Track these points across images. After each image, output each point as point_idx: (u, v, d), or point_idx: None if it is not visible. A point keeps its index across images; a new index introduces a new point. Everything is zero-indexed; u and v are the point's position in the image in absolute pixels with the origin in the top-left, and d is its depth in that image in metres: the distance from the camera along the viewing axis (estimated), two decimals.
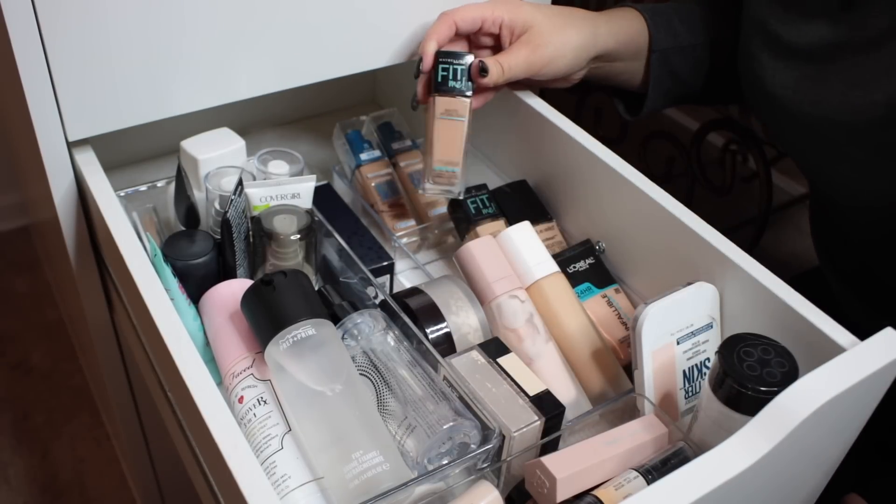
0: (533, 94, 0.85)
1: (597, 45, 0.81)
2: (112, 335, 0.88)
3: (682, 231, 0.69)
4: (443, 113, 0.77)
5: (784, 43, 0.75)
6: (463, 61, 0.77)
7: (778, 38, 0.75)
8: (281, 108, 1.07)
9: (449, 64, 0.77)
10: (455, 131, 0.77)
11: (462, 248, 0.73)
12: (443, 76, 0.77)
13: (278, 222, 0.70)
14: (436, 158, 0.77)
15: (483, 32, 0.80)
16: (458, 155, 0.77)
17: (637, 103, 0.91)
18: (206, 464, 0.60)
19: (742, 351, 0.56)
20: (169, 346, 0.57)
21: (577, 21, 0.80)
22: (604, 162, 0.75)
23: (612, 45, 0.82)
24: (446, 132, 0.77)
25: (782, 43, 0.75)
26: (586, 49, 0.80)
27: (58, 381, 1.53)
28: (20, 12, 0.63)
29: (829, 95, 0.71)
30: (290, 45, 0.76)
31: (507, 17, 0.78)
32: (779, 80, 0.75)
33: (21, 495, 1.35)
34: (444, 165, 0.77)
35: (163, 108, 0.74)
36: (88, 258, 0.80)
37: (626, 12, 0.85)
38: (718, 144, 1.38)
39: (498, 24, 0.79)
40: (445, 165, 0.77)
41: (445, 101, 0.77)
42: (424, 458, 0.58)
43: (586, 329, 0.71)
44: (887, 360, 0.56)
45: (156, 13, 0.68)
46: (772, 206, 1.33)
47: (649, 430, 0.60)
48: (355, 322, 0.65)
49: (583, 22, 0.80)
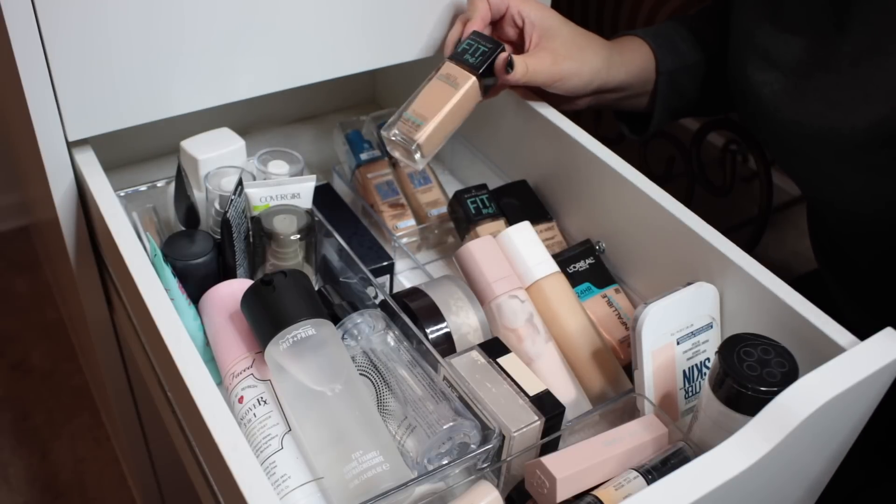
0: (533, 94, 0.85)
1: (609, 75, 0.81)
2: (112, 335, 0.88)
3: (682, 231, 0.69)
4: (442, 75, 0.76)
5: (771, 57, 0.75)
6: (490, 46, 0.76)
7: (765, 52, 0.76)
8: (281, 108, 1.07)
9: (477, 43, 0.76)
10: (443, 94, 0.75)
11: (462, 248, 0.73)
12: (463, 48, 0.76)
13: (278, 222, 0.70)
14: (411, 107, 0.75)
15: (507, 22, 0.80)
16: (432, 113, 0.74)
17: (640, 120, 0.91)
18: (206, 464, 0.60)
19: (742, 351, 0.56)
20: (169, 346, 0.57)
21: (596, 47, 0.81)
22: (604, 162, 0.75)
23: (622, 76, 0.82)
24: (435, 91, 0.75)
25: (769, 57, 0.75)
26: (599, 75, 0.80)
27: (58, 381, 1.53)
28: (20, 12, 0.63)
29: (810, 115, 0.71)
30: (290, 45, 0.76)
31: (535, 16, 0.78)
32: (764, 94, 0.75)
33: (21, 495, 1.35)
34: (414, 116, 0.74)
35: (163, 108, 0.74)
36: (88, 258, 0.80)
37: (631, 43, 0.85)
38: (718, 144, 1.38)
39: (522, 16, 0.79)
40: (415, 116, 0.74)
41: (450, 67, 0.76)
42: (424, 458, 0.58)
43: (586, 329, 0.71)
44: (887, 360, 0.56)
45: (156, 13, 0.68)
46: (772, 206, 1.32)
47: (649, 430, 0.60)
48: (355, 322, 0.65)
49: (601, 49, 0.81)
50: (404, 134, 0.73)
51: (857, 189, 0.72)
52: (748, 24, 0.77)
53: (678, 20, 0.90)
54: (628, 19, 1.67)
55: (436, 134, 0.74)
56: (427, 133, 0.73)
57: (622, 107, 0.89)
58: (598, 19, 1.71)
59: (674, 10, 1.58)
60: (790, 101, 0.73)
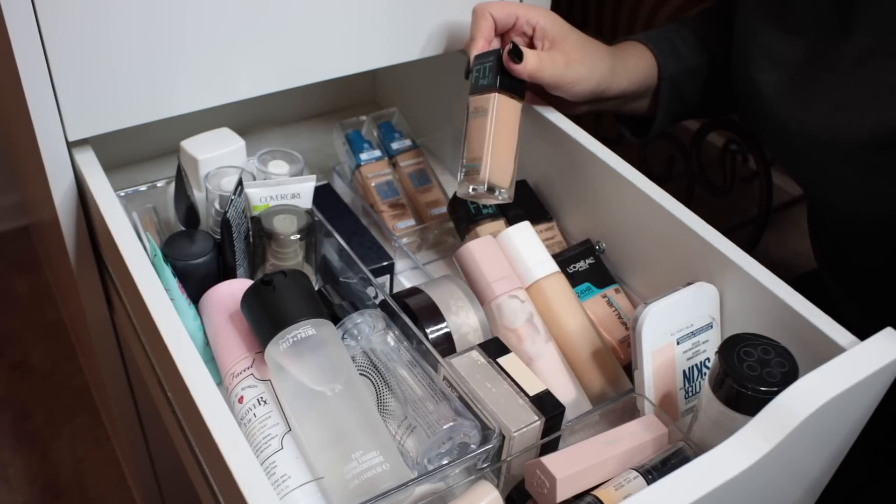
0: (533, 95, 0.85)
1: (613, 82, 0.80)
2: (112, 335, 0.88)
3: (682, 231, 0.69)
4: (472, 112, 0.75)
5: (775, 58, 0.75)
6: (493, 58, 0.75)
7: (769, 52, 0.75)
8: (281, 108, 1.07)
9: (481, 64, 0.76)
10: (480, 127, 0.74)
11: (462, 248, 0.73)
12: (475, 77, 0.76)
13: (278, 222, 0.70)
14: (466, 157, 0.74)
15: (517, 31, 0.79)
16: (481, 150, 0.73)
17: (641, 123, 0.91)
18: (206, 464, 0.60)
19: (742, 351, 0.56)
20: (169, 346, 0.57)
21: (602, 54, 0.80)
22: (604, 162, 0.75)
23: (625, 84, 0.82)
24: (474, 130, 0.74)
25: (773, 57, 0.75)
26: (604, 82, 0.80)
27: (58, 381, 1.53)
28: (20, 12, 0.63)
29: (816, 116, 0.71)
30: (290, 44, 0.77)
31: (545, 23, 0.78)
32: (767, 94, 0.75)
33: (21, 495, 1.35)
34: (471, 163, 0.73)
35: (163, 108, 0.74)
36: (88, 258, 0.80)
37: (633, 49, 0.85)
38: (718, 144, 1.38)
39: (532, 25, 0.78)
40: (472, 162, 0.73)
41: (474, 100, 0.75)
42: (424, 458, 0.58)
43: (586, 329, 0.71)
44: (887, 360, 0.56)
45: (156, 13, 0.68)
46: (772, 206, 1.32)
47: (649, 430, 0.60)
48: (355, 322, 0.65)
49: (606, 56, 0.81)
50: (474, 183, 0.72)
51: (859, 189, 0.72)
52: (752, 24, 0.77)
53: (679, 22, 0.89)
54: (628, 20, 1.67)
55: (498, 164, 0.73)
56: (488, 169, 0.72)
57: (623, 111, 0.89)
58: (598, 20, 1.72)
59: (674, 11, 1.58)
60: (795, 102, 0.73)
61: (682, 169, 1.38)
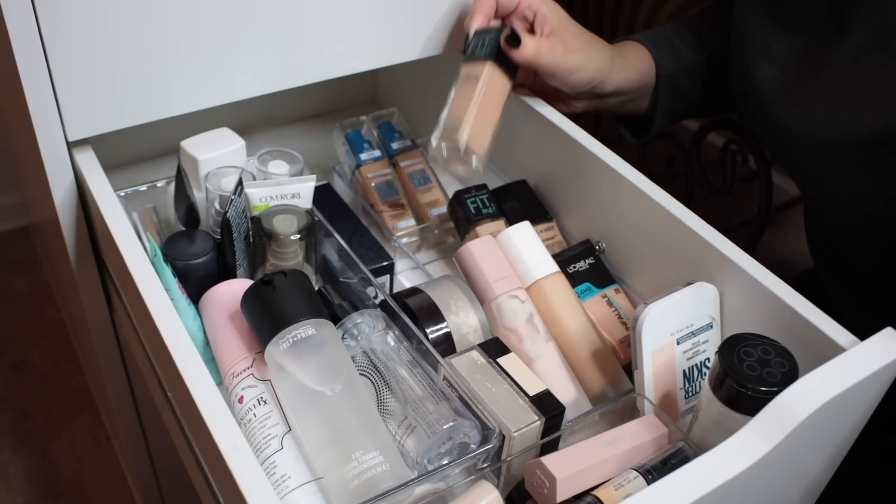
0: (532, 94, 0.85)
1: (610, 75, 0.81)
2: (112, 335, 0.88)
3: (682, 231, 0.69)
4: (462, 77, 0.76)
5: (772, 55, 0.75)
6: (494, 31, 0.76)
7: (766, 50, 0.76)
8: (281, 108, 1.07)
9: (482, 35, 0.76)
10: (469, 93, 0.74)
11: (462, 248, 0.73)
12: (472, 46, 0.76)
13: (278, 222, 0.70)
14: (448, 116, 0.74)
15: (518, 15, 0.80)
16: (464, 112, 0.73)
17: (641, 124, 0.91)
18: (206, 464, 0.60)
19: (742, 351, 0.56)
20: (169, 346, 0.57)
21: (600, 46, 0.81)
22: (604, 162, 0.75)
23: (621, 80, 0.82)
24: (461, 94, 0.75)
25: (770, 55, 0.75)
26: (601, 74, 0.80)
27: (58, 381, 1.53)
28: (20, 12, 0.63)
29: (813, 113, 0.71)
30: (290, 44, 0.76)
31: (546, 10, 0.78)
32: (765, 92, 0.75)
33: (21, 495, 1.35)
34: (452, 121, 0.73)
35: (163, 108, 0.74)
36: (88, 258, 0.80)
37: (631, 47, 0.85)
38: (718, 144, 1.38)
39: (533, 10, 0.79)
40: (453, 121, 0.73)
41: (466, 67, 0.76)
42: (424, 458, 0.58)
43: (586, 329, 0.71)
44: (887, 360, 0.56)
45: (156, 13, 0.68)
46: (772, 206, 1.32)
47: (649, 430, 0.60)
48: (355, 322, 0.65)
49: (603, 49, 0.81)
50: (449, 141, 0.72)
51: (856, 186, 0.72)
52: (749, 22, 0.77)
53: (678, 22, 0.90)
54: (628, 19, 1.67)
55: (478, 131, 0.73)
56: (468, 132, 0.72)
57: (623, 111, 0.89)
58: (598, 19, 1.72)
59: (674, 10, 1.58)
60: (792, 99, 0.73)
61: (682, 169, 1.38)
